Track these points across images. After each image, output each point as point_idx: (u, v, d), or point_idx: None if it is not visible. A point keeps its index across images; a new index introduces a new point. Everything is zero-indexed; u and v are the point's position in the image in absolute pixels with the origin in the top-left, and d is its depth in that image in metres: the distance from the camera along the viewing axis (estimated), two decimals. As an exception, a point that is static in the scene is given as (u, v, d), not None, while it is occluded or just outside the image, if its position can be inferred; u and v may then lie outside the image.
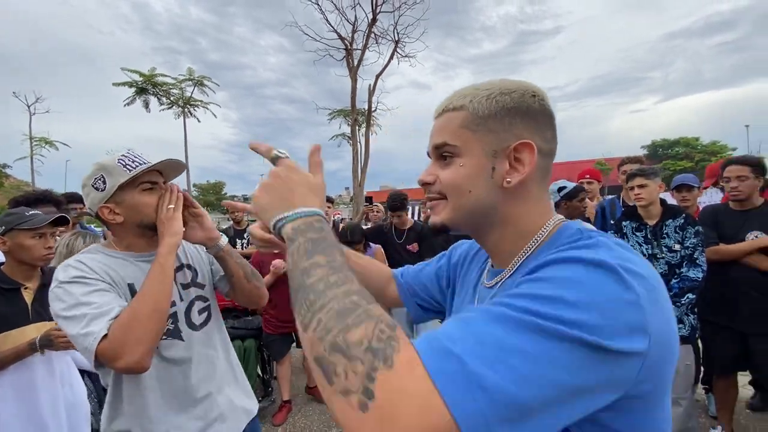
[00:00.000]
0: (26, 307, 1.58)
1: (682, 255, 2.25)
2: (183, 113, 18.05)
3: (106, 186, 1.07)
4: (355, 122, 7.74)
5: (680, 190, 2.96)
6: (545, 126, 0.58)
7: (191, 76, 17.66)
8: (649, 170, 2.36)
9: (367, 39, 7.97)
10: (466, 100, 0.58)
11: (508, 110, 0.56)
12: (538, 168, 0.57)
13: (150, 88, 17.01)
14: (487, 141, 0.56)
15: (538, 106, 0.58)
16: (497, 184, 0.57)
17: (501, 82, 0.59)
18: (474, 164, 0.57)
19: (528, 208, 0.59)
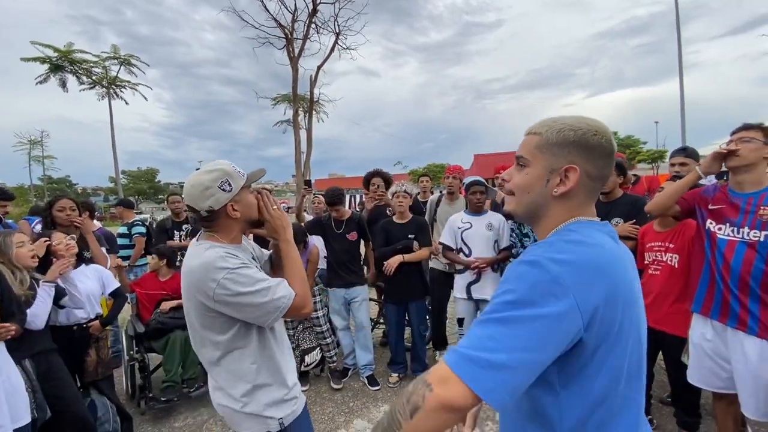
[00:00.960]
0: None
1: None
2: (108, 94, 16.51)
3: (233, 188, 1.33)
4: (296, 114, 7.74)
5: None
6: (598, 158, 0.81)
7: (116, 54, 16.15)
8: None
9: (307, 29, 7.96)
10: (544, 128, 0.83)
11: (569, 142, 0.80)
12: (583, 186, 0.81)
13: (67, 65, 15.30)
14: (549, 161, 0.82)
15: (596, 142, 0.80)
16: (549, 192, 0.82)
17: (573, 119, 0.83)
18: (535, 175, 0.83)
19: (564, 212, 0.83)
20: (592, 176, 0.81)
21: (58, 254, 2.37)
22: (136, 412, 3.14)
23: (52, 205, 2.83)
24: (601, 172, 0.82)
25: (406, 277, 3.33)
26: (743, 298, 1.90)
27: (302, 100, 10.41)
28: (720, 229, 2.01)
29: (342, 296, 3.46)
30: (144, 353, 3.26)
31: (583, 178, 0.80)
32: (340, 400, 3.22)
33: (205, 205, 1.31)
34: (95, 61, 15.85)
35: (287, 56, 7.97)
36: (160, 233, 4.39)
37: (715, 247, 2.03)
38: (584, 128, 0.80)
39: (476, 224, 3.12)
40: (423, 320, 3.43)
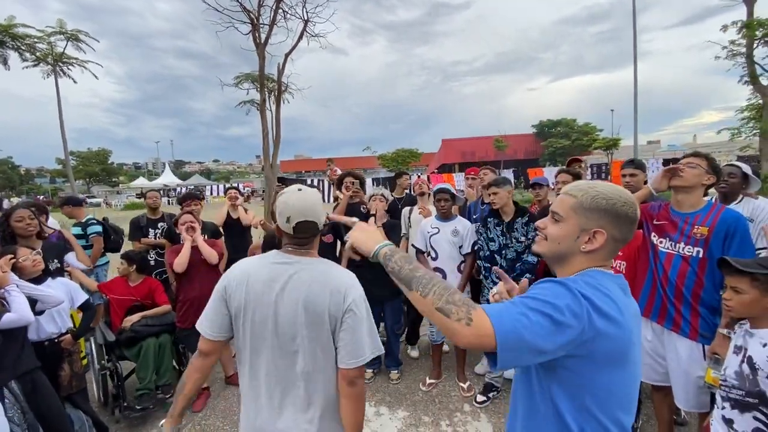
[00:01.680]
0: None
1: (525, 245, 2.97)
2: (54, 72, 15.16)
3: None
4: (263, 102, 7.50)
5: (534, 188, 3.78)
6: (623, 224, 0.96)
7: (62, 29, 14.75)
8: (500, 180, 3.03)
9: (274, 15, 7.67)
10: (580, 193, 0.98)
11: (601, 209, 0.96)
12: (608, 245, 0.96)
13: (8, 40, 13.84)
14: (580, 221, 0.97)
15: (623, 212, 0.95)
16: (577, 246, 0.98)
17: (606, 188, 0.98)
18: (567, 231, 0.99)
19: (585, 263, 0.99)
20: (616, 239, 0.97)
21: (24, 271, 2.30)
22: (110, 420, 3.12)
23: (8, 217, 2.70)
24: (624, 236, 0.97)
25: (380, 278, 3.44)
26: (678, 304, 2.18)
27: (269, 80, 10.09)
28: (661, 243, 2.27)
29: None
30: (116, 361, 3.22)
31: (609, 241, 0.96)
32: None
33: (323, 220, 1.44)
34: (39, 37, 14.42)
35: (253, 42, 7.67)
36: (134, 230, 4.26)
37: (657, 258, 2.28)
38: (615, 198, 0.95)
39: (443, 230, 3.30)
40: (398, 320, 3.59)
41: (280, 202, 1.38)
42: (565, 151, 37.37)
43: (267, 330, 1.33)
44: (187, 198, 4.01)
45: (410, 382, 3.53)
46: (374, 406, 3.18)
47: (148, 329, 3.25)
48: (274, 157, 7.53)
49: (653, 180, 2.27)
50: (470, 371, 3.61)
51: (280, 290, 1.32)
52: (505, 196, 2.96)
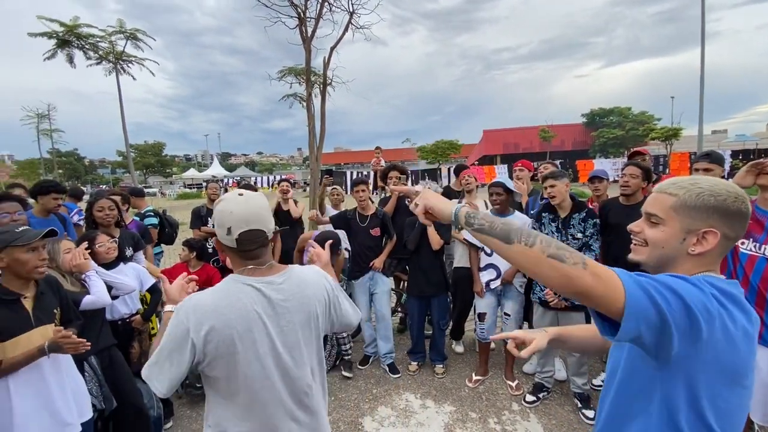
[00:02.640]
0: (28, 314, 1.77)
1: (582, 242, 2.83)
2: (115, 69, 16.34)
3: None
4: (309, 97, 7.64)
5: (593, 182, 3.54)
6: (736, 222, 0.86)
7: (122, 28, 15.86)
8: (558, 173, 2.89)
9: (321, 8, 7.74)
10: (681, 190, 0.88)
11: (709, 207, 0.85)
12: (720, 246, 0.87)
13: (74, 40, 15.08)
14: (685, 222, 0.87)
15: (736, 208, 0.85)
16: (684, 249, 0.89)
17: (710, 183, 0.87)
18: (670, 233, 0.89)
19: (694, 267, 0.89)
20: (729, 238, 0.87)
21: (99, 256, 2.49)
22: (174, 396, 3.36)
23: (92, 206, 2.95)
24: (737, 234, 0.88)
25: (428, 273, 3.45)
26: (759, 311, 1.99)
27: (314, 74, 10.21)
28: (743, 244, 2.07)
29: (366, 287, 3.61)
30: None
31: (721, 241, 0.86)
32: (364, 386, 3.41)
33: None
34: (102, 36, 15.61)
35: (300, 37, 7.80)
36: (195, 219, 4.56)
37: (737, 260, 2.10)
38: (724, 194, 0.85)
39: None
40: (444, 315, 3.56)
41: (217, 211, 1.22)
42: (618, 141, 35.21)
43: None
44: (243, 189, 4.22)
45: (455, 377, 3.51)
46: (420, 399, 3.20)
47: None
48: (319, 149, 7.66)
49: (737, 176, 2.08)
50: (518, 370, 3.53)
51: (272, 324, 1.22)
52: (564, 190, 2.83)
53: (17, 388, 1.70)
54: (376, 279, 3.60)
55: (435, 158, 38.20)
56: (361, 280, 3.60)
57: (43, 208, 3.30)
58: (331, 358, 3.61)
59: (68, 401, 1.84)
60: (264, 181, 19.77)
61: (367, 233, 3.57)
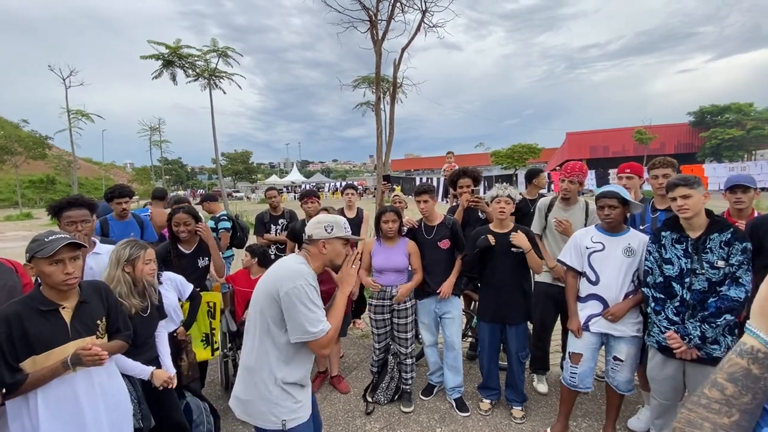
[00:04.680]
0: (65, 325, 1.67)
1: (725, 272, 2.10)
2: (209, 85, 18.05)
3: (332, 233, 1.78)
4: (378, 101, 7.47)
5: (734, 191, 2.58)
6: None
7: (215, 47, 17.47)
8: (691, 179, 2.17)
9: (392, 9, 7.54)
10: None
11: None
12: None
13: (176, 60, 16.99)
14: None
15: None
16: None
17: None
18: None
19: None
20: None
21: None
22: (228, 407, 3.25)
23: (171, 218, 3.00)
24: None
25: (506, 295, 2.90)
26: None
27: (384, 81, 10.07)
28: None
29: (432, 309, 3.16)
30: (236, 350, 3.36)
31: None
32: (426, 423, 2.97)
33: (311, 232, 1.81)
34: (198, 55, 17.39)
35: (371, 39, 7.67)
36: (258, 225, 4.57)
37: None
38: None
39: (611, 246, 2.50)
40: (524, 345, 2.97)
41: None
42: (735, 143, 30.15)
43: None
44: (306, 195, 4.08)
45: (537, 425, 2.90)
46: (493, 449, 2.67)
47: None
48: (387, 155, 7.43)
49: None
50: (621, 425, 2.81)
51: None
52: (700, 203, 2.13)
53: (47, 405, 1.59)
54: (444, 300, 3.13)
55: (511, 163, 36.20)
56: (426, 301, 3.17)
57: (116, 211, 3.42)
58: (389, 390, 3.22)
59: (100, 422, 1.70)
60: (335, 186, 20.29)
61: (434, 246, 3.12)
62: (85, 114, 28.26)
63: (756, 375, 0.57)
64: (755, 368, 0.57)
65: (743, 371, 0.58)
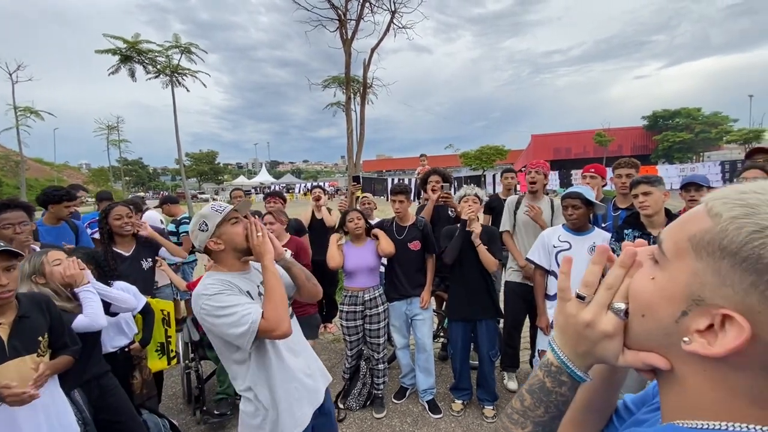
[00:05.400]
0: (2, 344, 1.50)
1: (683, 269, 2.19)
2: (171, 82, 17.27)
3: (209, 226, 1.54)
4: (349, 100, 7.39)
5: (688, 190, 2.65)
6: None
7: (177, 43, 16.75)
8: (653, 178, 2.26)
9: (361, 8, 7.49)
10: (729, 210, 0.40)
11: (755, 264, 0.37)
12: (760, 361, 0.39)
13: (135, 55, 16.12)
14: (700, 278, 0.41)
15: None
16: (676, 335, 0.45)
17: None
18: (668, 290, 0.45)
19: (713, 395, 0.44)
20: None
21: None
22: (192, 420, 3.09)
23: (108, 214, 2.73)
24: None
25: (474, 294, 2.92)
26: None
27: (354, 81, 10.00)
28: None
29: (403, 311, 3.13)
30: (198, 361, 3.19)
31: (758, 347, 0.38)
32: (399, 427, 2.93)
33: (197, 245, 1.58)
34: (159, 51, 16.60)
35: (340, 39, 7.59)
36: None
37: None
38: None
39: (577, 245, 2.56)
40: (494, 344, 2.99)
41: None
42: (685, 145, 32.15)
43: None
44: (270, 195, 3.99)
45: (508, 423, 2.93)
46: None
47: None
48: (358, 155, 7.36)
49: None
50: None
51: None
52: (661, 200, 2.21)
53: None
54: (415, 302, 3.11)
55: (479, 164, 37.02)
56: (396, 303, 3.13)
57: (54, 217, 3.15)
58: (361, 396, 3.15)
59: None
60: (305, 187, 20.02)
61: (404, 247, 3.09)
62: (34, 111, 26.36)
63: (548, 388, 0.57)
64: (548, 381, 0.57)
65: (539, 383, 0.58)
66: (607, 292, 0.50)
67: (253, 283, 1.62)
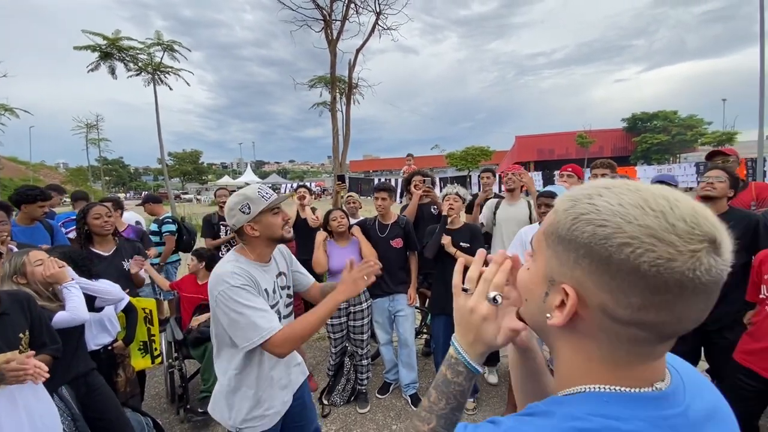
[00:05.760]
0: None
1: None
2: (153, 80, 16.93)
3: (251, 211, 1.54)
4: (334, 100, 7.41)
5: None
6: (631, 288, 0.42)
7: (160, 41, 16.44)
8: (618, 178, 2.38)
9: (346, 9, 7.53)
10: (566, 206, 0.49)
11: (581, 244, 0.45)
12: (603, 329, 0.46)
13: (115, 52, 15.74)
14: (551, 262, 0.50)
15: (631, 261, 0.41)
16: (544, 313, 0.53)
17: (626, 199, 0.44)
18: (535, 276, 0.54)
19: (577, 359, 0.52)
20: (620, 321, 0.44)
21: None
22: (175, 419, 3.09)
23: (86, 214, 2.71)
24: (637, 316, 0.43)
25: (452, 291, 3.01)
26: None
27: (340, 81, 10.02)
28: None
29: (386, 308, 3.20)
30: (182, 360, 3.19)
31: (597, 315, 0.46)
32: (382, 421, 3.00)
33: (231, 222, 1.58)
34: (140, 48, 16.25)
35: (325, 39, 7.61)
36: (206, 227, 4.34)
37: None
38: (614, 225, 0.42)
39: None
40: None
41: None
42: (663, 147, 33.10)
43: None
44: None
45: (488, 414, 3.02)
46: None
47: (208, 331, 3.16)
48: (343, 155, 7.39)
49: None
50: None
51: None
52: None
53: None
54: (398, 298, 3.18)
55: (465, 165, 37.39)
56: (379, 300, 3.20)
57: (28, 217, 3.09)
58: (345, 392, 3.21)
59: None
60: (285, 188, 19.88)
61: (387, 244, 3.16)
62: (9, 108, 25.49)
63: (448, 379, 0.63)
64: (448, 373, 0.63)
65: (442, 377, 0.64)
66: (484, 284, 0.61)
67: (271, 278, 1.64)
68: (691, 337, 2.47)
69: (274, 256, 1.71)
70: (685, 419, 0.46)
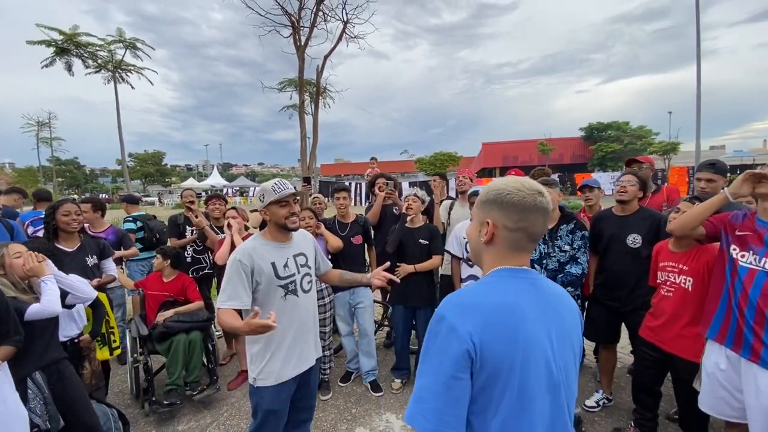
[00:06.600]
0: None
1: (570, 255, 2.68)
2: (113, 78, 16.36)
3: (264, 200, 1.93)
4: (302, 105, 7.58)
5: (583, 191, 3.43)
6: (511, 212, 0.95)
7: (122, 38, 15.93)
8: (550, 181, 2.75)
9: (314, 17, 7.73)
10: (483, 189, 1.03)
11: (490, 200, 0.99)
12: (504, 237, 0.96)
13: (73, 48, 15.14)
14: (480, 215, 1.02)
15: (507, 200, 0.94)
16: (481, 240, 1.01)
17: (504, 181, 0.99)
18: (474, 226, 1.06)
19: (492, 259, 1.00)
20: (510, 228, 0.96)
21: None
22: (140, 413, 3.16)
23: (56, 210, 2.78)
24: (517, 225, 0.95)
25: (415, 283, 3.27)
26: (758, 330, 1.83)
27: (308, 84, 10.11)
28: (743, 256, 1.93)
29: (347, 301, 3.43)
30: (147, 355, 3.27)
31: (501, 230, 0.97)
32: (343, 406, 3.21)
33: (257, 206, 2.05)
34: (100, 45, 15.67)
35: (293, 45, 7.78)
36: (171, 228, 4.34)
37: (735, 274, 1.95)
38: (502, 188, 0.96)
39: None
40: (429, 328, 3.39)
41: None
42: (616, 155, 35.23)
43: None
44: (211, 198, 4.18)
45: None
46: (401, 419, 3.00)
47: (179, 325, 3.27)
48: (311, 158, 7.56)
49: (732, 185, 1.95)
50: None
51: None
52: (555, 200, 2.69)
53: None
54: (357, 291, 3.42)
55: (433, 170, 38.23)
56: (340, 294, 3.43)
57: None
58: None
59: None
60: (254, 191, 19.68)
61: (348, 241, 3.41)
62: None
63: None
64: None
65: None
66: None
67: (286, 255, 1.98)
68: (614, 320, 2.86)
69: (295, 238, 2.07)
70: (535, 279, 0.97)
